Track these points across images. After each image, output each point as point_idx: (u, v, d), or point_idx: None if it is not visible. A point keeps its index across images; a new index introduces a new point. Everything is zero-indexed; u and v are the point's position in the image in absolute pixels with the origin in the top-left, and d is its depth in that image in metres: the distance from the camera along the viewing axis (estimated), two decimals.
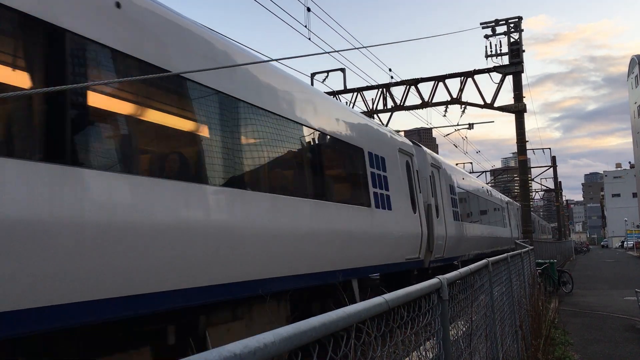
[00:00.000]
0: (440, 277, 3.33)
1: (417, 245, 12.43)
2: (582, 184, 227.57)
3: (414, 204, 12.44)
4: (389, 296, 2.29)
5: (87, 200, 4.28)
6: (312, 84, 24.04)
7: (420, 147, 14.72)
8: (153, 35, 5.34)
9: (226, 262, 5.81)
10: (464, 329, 4.35)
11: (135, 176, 4.79)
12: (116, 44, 4.83)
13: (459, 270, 4.08)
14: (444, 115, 27.38)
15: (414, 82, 25.80)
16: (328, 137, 8.75)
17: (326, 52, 4.88)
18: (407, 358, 2.99)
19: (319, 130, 8.36)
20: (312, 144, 8.20)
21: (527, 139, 24.04)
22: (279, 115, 7.29)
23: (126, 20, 4.99)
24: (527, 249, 12.95)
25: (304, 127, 7.88)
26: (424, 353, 3.22)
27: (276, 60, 4.95)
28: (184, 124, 5.62)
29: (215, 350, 1.28)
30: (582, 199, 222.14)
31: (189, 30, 5.92)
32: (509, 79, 23.91)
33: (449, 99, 25.05)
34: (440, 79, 25.07)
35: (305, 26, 17.64)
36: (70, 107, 4.38)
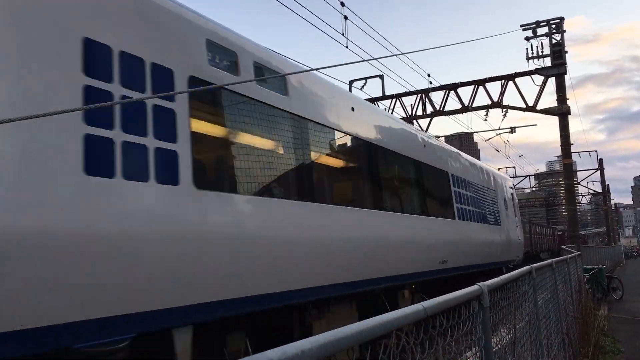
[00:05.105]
0: (481, 283, 3.29)
1: None
2: (632, 187, 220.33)
3: None
4: (427, 303, 2.29)
5: None
6: (350, 90, 24.10)
7: None
8: None
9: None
10: (507, 337, 4.29)
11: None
12: None
13: (500, 277, 4.02)
14: (485, 120, 27.04)
15: (454, 87, 25.57)
16: None
17: (364, 60, 4.90)
18: None
19: None
20: None
21: (571, 142, 23.51)
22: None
23: None
24: (573, 254, 12.64)
25: None
26: None
27: (316, 69, 5.00)
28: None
29: (253, 357, 1.32)
30: (631, 202, 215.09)
31: None
32: (552, 81, 23.46)
33: (489, 102, 24.73)
34: (480, 82, 24.78)
35: (343, 34, 17.73)
36: None
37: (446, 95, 25.74)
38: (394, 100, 27.13)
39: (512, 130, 30.28)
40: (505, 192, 18.26)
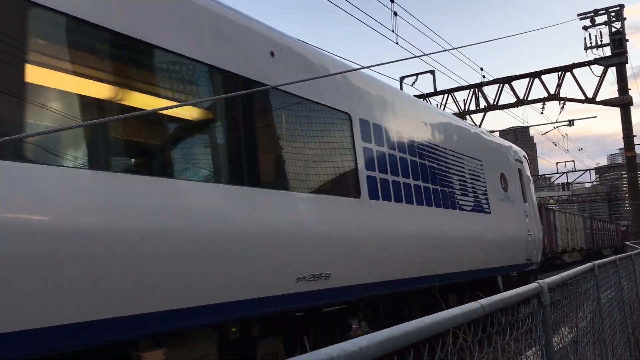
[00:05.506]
0: (540, 281, 3.23)
1: None
2: None
3: None
4: (485, 301, 2.26)
5: None
6: (401, 87, 23.91)
7: None
8: None
9: None
10: (569, 336, 4.18)
11: None
12: None
13: (560, 274, 3.93)
14: (541, 113, 26.34)
15: (508, 80, 25.01)
16: None
17: (415, 57, 4.86)
18: None
19: None
20: None
21: (634, 134, 22.64)
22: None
23: None
24: (638, 250, 12.16)
25: None
26: None
27: (367, 67, 5.00)
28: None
29: (313, 353, 1.34)
30: None
31: None
32: (612, 70, 22.65)
33: (546, 95, 24.09)
34: (536, 75, 24.16)
35: (393, 31, 17.63)
36: None
37: (500, 89, 25.23)
38: (446, 95, 26.78)
39: (571, 122, 29.37)
40: (506, 165, 12.58)
